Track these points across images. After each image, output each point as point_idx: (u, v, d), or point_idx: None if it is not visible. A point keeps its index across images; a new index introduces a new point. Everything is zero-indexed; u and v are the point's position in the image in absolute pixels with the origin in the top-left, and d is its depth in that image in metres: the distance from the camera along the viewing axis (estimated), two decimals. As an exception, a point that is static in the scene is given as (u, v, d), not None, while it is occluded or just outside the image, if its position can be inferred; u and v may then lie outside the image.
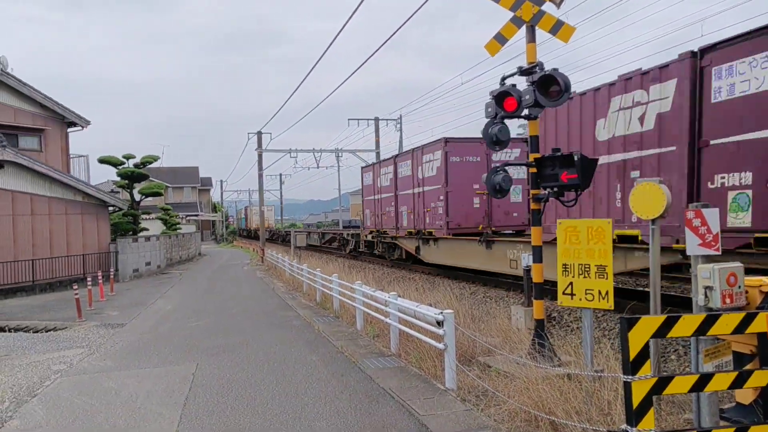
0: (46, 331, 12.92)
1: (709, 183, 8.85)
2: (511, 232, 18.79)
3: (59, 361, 9.44)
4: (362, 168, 28.60)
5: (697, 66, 8.94)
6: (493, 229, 18.19)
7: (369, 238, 26.77)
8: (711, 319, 3.85)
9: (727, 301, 4.29)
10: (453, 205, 18.40)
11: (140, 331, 11.96)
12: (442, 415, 5.91)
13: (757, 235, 8.06)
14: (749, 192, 8.20)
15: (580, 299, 5.92)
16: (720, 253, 4.57)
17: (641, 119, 10.15)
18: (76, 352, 10.14)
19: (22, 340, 11.70)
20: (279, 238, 56.35)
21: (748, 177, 8.23)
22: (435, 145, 19.26)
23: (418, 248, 21.10)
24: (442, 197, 18.60)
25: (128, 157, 30.27)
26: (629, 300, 11.18)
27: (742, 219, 8.24)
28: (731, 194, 8.47)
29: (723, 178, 8.64)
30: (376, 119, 38.93)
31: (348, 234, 33.02)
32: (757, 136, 8.10)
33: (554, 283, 6.55)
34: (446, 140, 18.63)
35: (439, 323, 7.02)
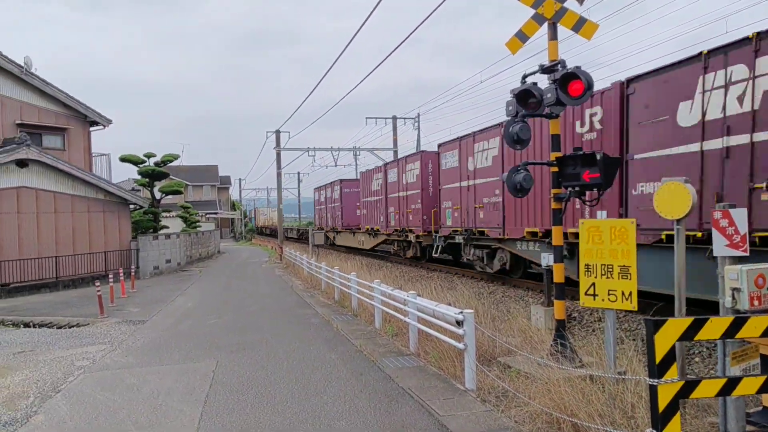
0: (69, 327, 13.12)
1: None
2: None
3: (82, 356, 9.58)
4: (314, 189, 45.44)
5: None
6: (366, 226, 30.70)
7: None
8: (739, 321, 3.77)
9: (755, 303, 4.21)
10: (345, 214, 34.23)
11: (161, 328, 12.09)
12: (462, 416, 5.88)
13: None
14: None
15: (603, 300, 5.85)
16: (748, 254, 4.48)
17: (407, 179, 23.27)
18: (98, 348, 10.28)
19: (46, 335, 11.90)
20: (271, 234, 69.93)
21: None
22: (335, 183, 36.59)
23: (334, 237, 37.48)
24: (340, 209, 34.91)
25: (149, 156, 30.59)
26: (648, 300, 11.01)
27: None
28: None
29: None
30: (394, 118, 38.87)
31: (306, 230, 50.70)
32: None
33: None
34: (341, 181, 35.39)
35: (459, 323, 6.98)
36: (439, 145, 19.53)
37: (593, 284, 5.92)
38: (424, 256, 22.87)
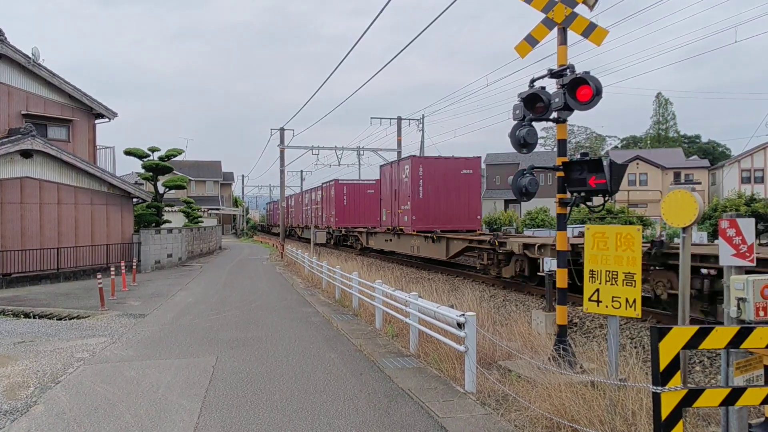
0: (70, 319, 13.13)
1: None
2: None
3: (82, 348, 9.58)
4: (287, 196, 55.75)
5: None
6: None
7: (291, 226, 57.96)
8: (744, 331, 3.76)
9: (761, 313, 4.19)
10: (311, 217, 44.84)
11: (161, 322, 12.10)
12: (462, 418, 5.87)
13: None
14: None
15: (607, 306, 5.83)
16: (755, 264, 4.46)
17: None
18: (98, 340, 10.29)
19: (46, 326, 11.91)
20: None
21: None
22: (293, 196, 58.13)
23: (303, 230, 48.46)
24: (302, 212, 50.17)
25: (153, 150, 30.63)
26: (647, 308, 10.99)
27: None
28: None
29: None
30: (399, 119, 38.88)
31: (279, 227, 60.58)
32: None
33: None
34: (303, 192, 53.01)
35: (460, 325, 6.97)
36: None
37: (597, 290, 5.91)
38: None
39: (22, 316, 13.73)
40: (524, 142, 7.31)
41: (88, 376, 7.84)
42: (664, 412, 3.51)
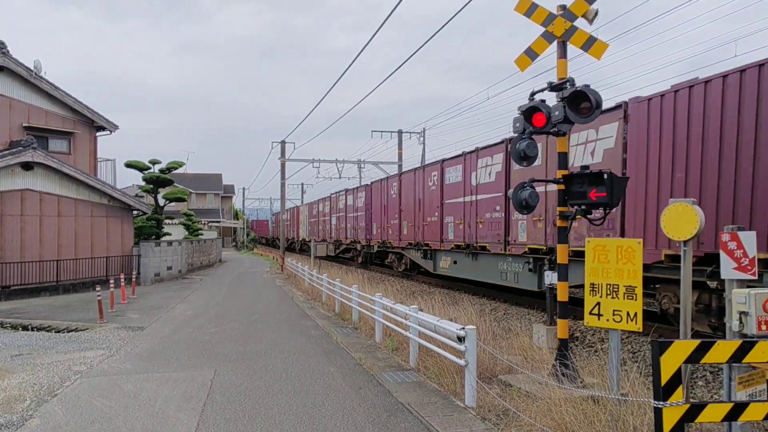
0: (68, 332, 13.06)
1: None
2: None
3: (80, 361, 9.52)
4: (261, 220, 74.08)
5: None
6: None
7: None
8: (747, 345, 3.73)
9: (763, 327, 4.16)
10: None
11: (160, 335, 12.03)
12: (462, 433, 5.81)
13: None
14: None
15: (608, 320, 5.79)
16: (756, 277, 4.43)
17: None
18: (96, 353, 10.22)
19: (44, 339, 11.85)
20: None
21: None
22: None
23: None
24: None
25: (154, 162, 30.66)
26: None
27: None
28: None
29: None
30: (400, 132, 38.98)
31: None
32: None
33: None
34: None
35: (461, 339, 6.92)
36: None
37: (598, 304, 5.87)
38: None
39: (21, 328, 13.66)
40: (524, 155, 7.29)
41: (85, 389, 7.77)
42: (666, 428, 3.47)
